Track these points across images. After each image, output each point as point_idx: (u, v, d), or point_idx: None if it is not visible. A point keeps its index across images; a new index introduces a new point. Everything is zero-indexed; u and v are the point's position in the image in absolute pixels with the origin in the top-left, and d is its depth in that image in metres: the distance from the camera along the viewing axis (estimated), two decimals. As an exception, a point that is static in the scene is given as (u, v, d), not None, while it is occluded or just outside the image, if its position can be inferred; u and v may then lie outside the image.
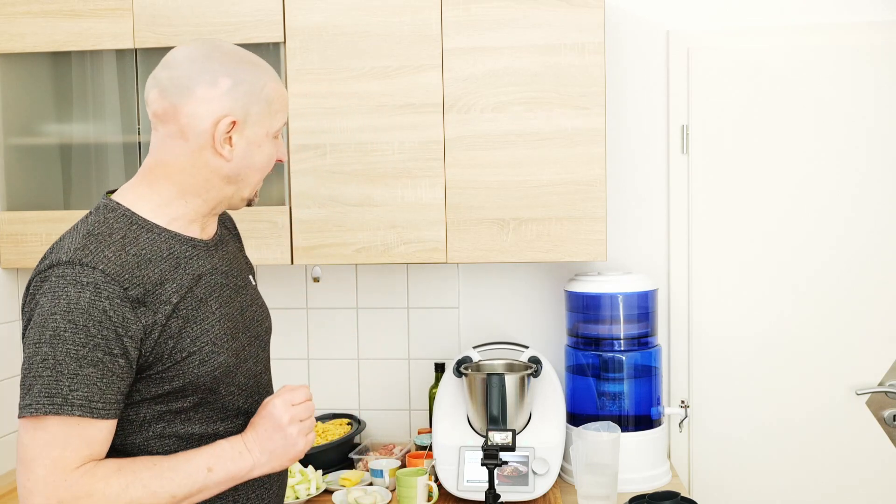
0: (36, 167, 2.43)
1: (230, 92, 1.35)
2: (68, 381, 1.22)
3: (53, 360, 1.22)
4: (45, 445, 1.22)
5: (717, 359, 2.57)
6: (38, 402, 1.21)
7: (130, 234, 1.34)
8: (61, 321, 1.23)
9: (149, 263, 1.32)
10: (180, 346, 1.32)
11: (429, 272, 2.68)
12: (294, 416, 1.37)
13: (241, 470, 1.34)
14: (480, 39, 2.22)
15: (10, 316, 2.47)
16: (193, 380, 1.34)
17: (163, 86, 1.36)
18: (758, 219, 2.54)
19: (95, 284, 1.25)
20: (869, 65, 2.48)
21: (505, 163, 2.23)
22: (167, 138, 1.38)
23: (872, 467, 2.52)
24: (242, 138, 1.37)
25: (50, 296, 1.26)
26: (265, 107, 1.39)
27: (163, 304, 1.31)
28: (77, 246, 1.30)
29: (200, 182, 1.38)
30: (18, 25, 2.34)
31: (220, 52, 1.37)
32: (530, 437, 2.20)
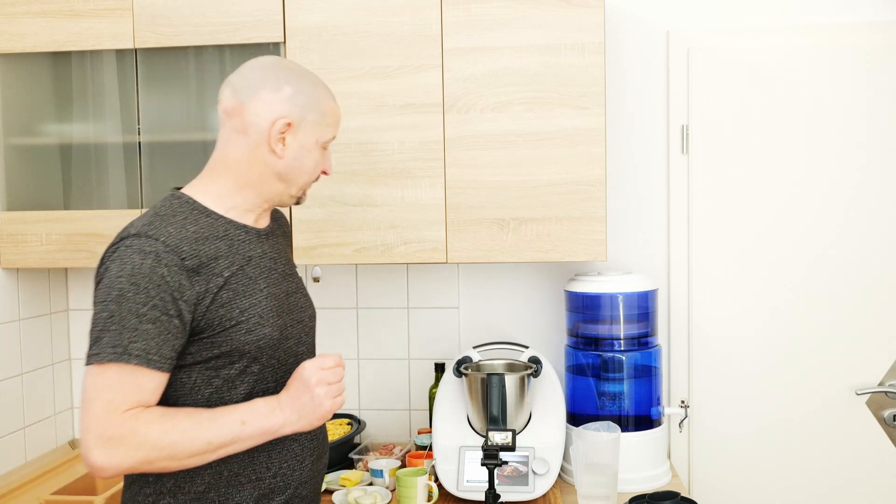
0: (36, 167, 2.43)
1: (291, 98, 1.54)
2: (129, 334, 1.39)
3: (119, 316, 1.40)
4: (102, 389, 1.38)
5: (717, 359, 2.57)
6: (104, 351, 1.38)
7: (192, 216, 1.52)
8: (126, 283, 1.41)
9: (205, 241, 1.50)
10: (230, 315, 1.49)
11: (429, 272, 2.68)
12: (322, 379, 1.50)
13: (272, 426, 1.48)
14: (480, 39, 2.22)
15: (10, 316, 2.47)
16: (240, 346, 1.50)
17: (234, 86, 1.56)
18: (758, 219, 2.54)
19: (157, 253, 1.43)
20: (868, 65, 2.48)
21: (505, 163, 2.23)
22: (232, 132, 1.56)
23: (872, 467, 2.53)
24: (295, 140, 1.56)
25: (118, 262, 1.43)
26: (319, 117, 1.58)
27: (215, 276, 1.49)
28: (145, 223, 1.48)
29: (255, 176, 1.56)
30: (18, 25, 2.34)
31: (287, 64, 1.60)
32: (530, 437, 2.20)
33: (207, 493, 1.52)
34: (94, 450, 1.37)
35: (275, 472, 1.56)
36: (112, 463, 1.37)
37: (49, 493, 2.27)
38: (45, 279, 2.65)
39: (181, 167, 2.36)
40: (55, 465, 2.51)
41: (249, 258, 1.56)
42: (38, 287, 2.61)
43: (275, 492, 1.56)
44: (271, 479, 1.56)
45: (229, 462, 1.52)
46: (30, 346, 2.55)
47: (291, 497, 1.59)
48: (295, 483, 1.59)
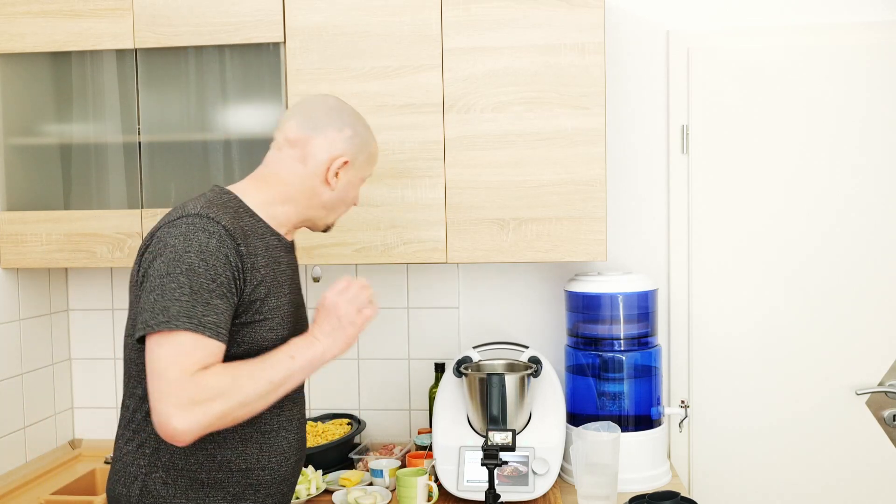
0: (36, 167, 2.43)
1: (350, 139, 1.70)
2: (202, 307, 1.46)
3: (189, 289, 1.46)
4: (177, 354, 1.43)
5: (717, 359, 2.57)
6: (178, 320, 1.44)
7: (238, 212, 1.61)
8: (195, 259, 1.48)
9: (250, 236, 1.59)
10: (260, 309, 1.58)
11: (429, 272, 2.68)
12: (341, 302, 1.61)
13: (315, 354, 1.58)
14: (480, 39, 2.22)
15: (10, 316, 2.47)
16: (259, 341, 1.58)
17: (300, 121, 1.69)
18: (758, 219, 2.54)
19: (220, 234, 1.51)
20: (868, 65, 2.48)
21: (505, 163, 2.23)
22: (289, 159, 1.69)
23: (872, 467, 2.52)
24: (346, 176, 1.72)
25: (182, 238, 1.50)
26: (367, 158, 1.76)
27: (256, 270, 1.57)
28: (202, 205, 1.56)
29: (303, 199, 1.70)
30: (18, 25, 2.34)
31: (348, 108, 1.75)
32: (530, 437, 2.20)
33: (199, 473, 1.58)
34: (175, 415, 1.40)
35: (263, 465, 1.63)
36: (194, 423, 1.42)
37: (49, 493, 2.28)
38: (45, 279, 2.65)
39: (181, 167, 2.36)
40: (55, 465, 2.51)
41: (279, 263, 1.67)
42: (38, 287, 2.61)
43: (261, 484, 1.64)
44: (260, 471, 1.63)
45: (223, 447, 1.59)
46: (30, 346, 2.55)
47: (275, 493, 1.67)
48: (279, 479, 1.67)
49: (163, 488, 1.57)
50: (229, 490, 1.60)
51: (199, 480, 1.59)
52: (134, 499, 1.58)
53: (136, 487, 1.58)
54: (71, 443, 2.73)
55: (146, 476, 1.58)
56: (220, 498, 1.60)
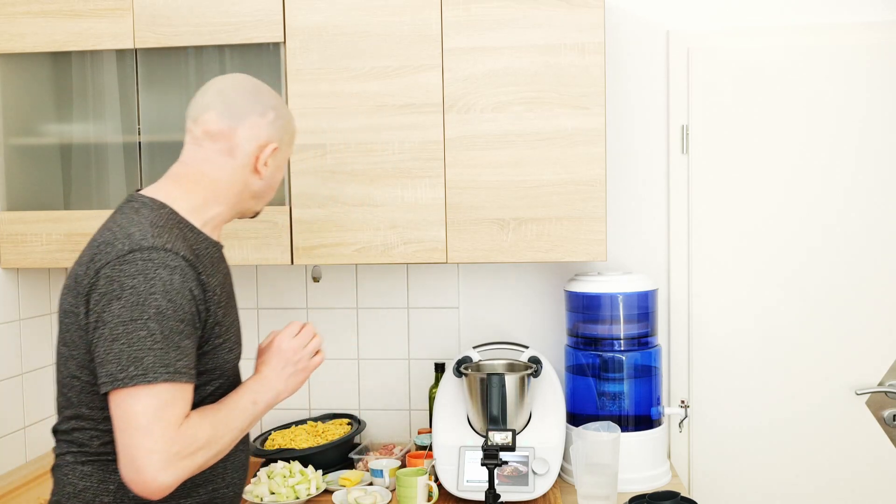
0: (36, 167, 2.43)
1: (274, 122, 1.61)
2: (175, 352, 1.39)
3: (161, 334, 1.37)
4: (158, 408, 1.36)
5: (717, 358, 2.57)
6: (156, 371, 1.36)
7: (182, 231, 1.51)
8: (161, 300, 1.38)
9: (200, 257, 1.50)
10: (219, 332, 1.52)
11: (429, 272, 2.68)
12: (296, 347, 1.61)
13: (271, 398, 1.57)
14: (480, 39, 2.22)
15: (10, 316, 2.47)
16: (221, 364, 1.54)
17: (220, 110, 1.57)
18: (758, 219, 2.54)
19: (181, 268, 1.42)
20: (868, 64, 2.48)
21: (505, 163, 2.23)
22: (214, 154, 1.57)
23: (872, 467, 2.52)
24: (274, 162, 1.63)
25: (142, 277, 1.39)
26: (290, 138, 1.67)
27: (213, 293, 1.50)
28: (152, 234, 1.44)
29: (234, 194, 1.60)
30: (18, 25, 2.34)
31: (265, 87, 1.64)
32: (530, 437, 2.20)
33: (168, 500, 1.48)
34: (161, 473, 1.35)
35: (228, 483, 1.61)
36: (178, 477, 1.37)
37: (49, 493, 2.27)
38: (45, 279, 2.65)
39: (181, 167, 2.36)
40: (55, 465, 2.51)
41: (225, 275, 1.60)
42: (38, 287, 2.61)
43: (225, 499, 1.61)
44: (225, 489, 1.60)
45: None
46: (30, 346, 2.55)
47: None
48: (238, 493, 1.65)
49: None
50: None
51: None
52: None
53: None
54: (71, 443, 2.73)
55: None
56: None
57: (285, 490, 2.16)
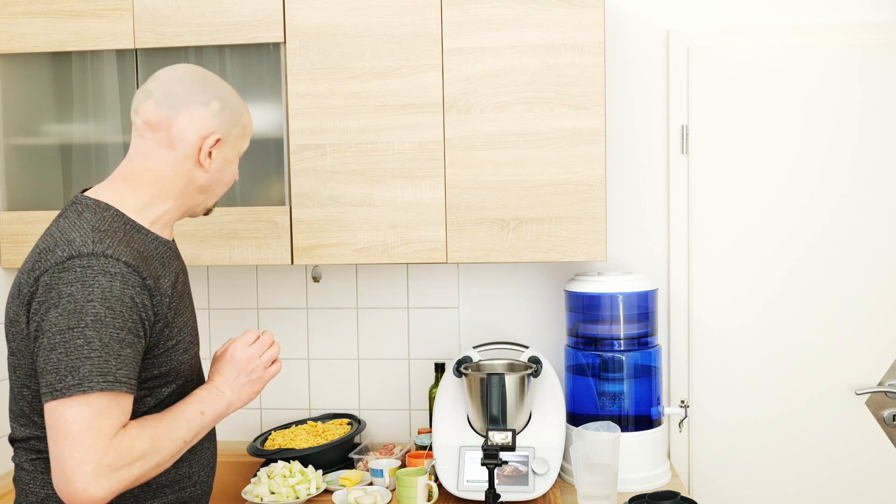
0: (36, 167, 2.43)
1: (219, 113, 1.54)
2: (115, 361, 1.35)
3: (100, 342, 1.34)
4: (93, 417, 1.32)
5: (718, 359, 2.58)
6: (92, 380, 1.32)
7: (127, 232, 1.46)
8: (100, 307, 1.35)
9: (148, 259, 1.47)
10: (170, 334, 1.48)
11: (429, 272, 2.68)
12: (252, 356, 1.58)
13: (222, 408, 1.54)
14: (480, 39, 2.22)
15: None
16: (176, 366, 1.51)
17: (159, 99, 1.51)
18: (758, 219, 2.54)
19: (122, 274, 1.38)
20: (869, 64, 2.48)
21: (505, 163, 2.23)
22: (155, 145, 1.52)
23: (872, 467, 2.53)
24: (220, 154, 1.56)
25: (80, 285, 1.35)
26: (241, 131, 1.60)
27: (163, 296, 1.46)
28: (93, 240, 1.40)
29: (179, 188, 1.54)
30: (18, 25, 2.34)
31: (211, 77, 1.57)
32: (530, 437, 2.20)
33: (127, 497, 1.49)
34: (91, 484, 1.31)
35: (195, 481, 1.60)
36: (110, 490, 1.33)
37: None
38: (45, 279, 2.65)
39: (181, 167, 2.36)
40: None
41: (177, 275, 1.56)
42: (38, 287, 2.60)
43: (192, 499, 1.60)
44: (191, 487, 1.60)
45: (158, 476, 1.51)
46: (30, 346, 2.55)
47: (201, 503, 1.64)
48: (206, 491, 1.65)
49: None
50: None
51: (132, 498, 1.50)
52: None
53: None
54: (71, 443, 2.72)
55: None
56: None
57: (285, 490, 2.16)
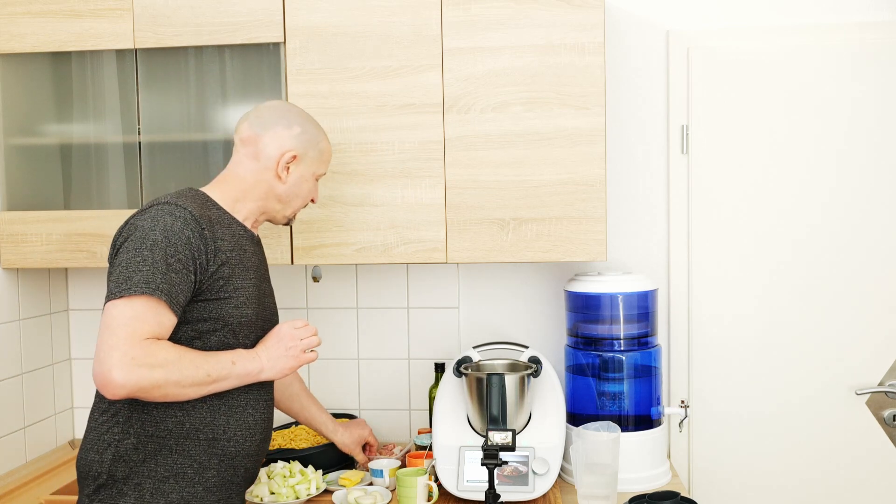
0: (36, 167, 2.43)
1: (298, 136, 1.88)
2: (161, 276, 1.62)
3: (151, 260, 1.63)
4: (130, 318, 1.59)
5: (717, 359, 2.58)
6: (138, 286, 1.60)
7: (206, 205, 1.79)
8: (160, 236, 1.65)
9: (216, 223, 1.77)
10: (225, 288, 1.74)
11: (429, 272, 2.68)
12: (294, 335, 1.82)
13: (253, 369, 1.76)
14: (480, 39, 2.22)
15: (10, 316, 2.47)
16: (225, 317, 1.75)
17: (251, 121, 1.88)
18: (758, 218, 2.54)
19: (185, 218, 1.69)
20: (869, 64, 2.48)
21: (505, 163, 2.23)
22: (244, 157, 1.87)
23: (872, 467, 2.53)
24: (297, 170, 1.89)
25: (150, 220, 1.67)
26: (317, 154, 1.93)
27: (220, 253, 1.74)
28: (171, 196, 1.75)
29: (259, 194, 1.87)
30: (18, 25, 2.34)
31: (297, 109, 1.93)
32: (530, 437, 2.20)
33: (167, 440, 1.72)
34: (115, 368, 1.54)
35: (230, 437, 1.78)
36: (130, 380, 1.55)
37: (49, 493, 2.28)
38: (45, 279, 2.65)
39: (181, 167, 2.36)
40: (55, 465, 2.51)
41: (245, 251, 1.84)
42: (38, 287, 2.61)
43: (226, 454, 1.78)
44: (226, 441, 1.77)
45: (192, 415, 1.73)
46: (30, 346, 2.55)
47: (238, 465, 1.81)
48: (244, 452, 1.81)
49: (133, 454, 1.70)
50: (196, 458, 1.74)
51: (168, 447, 1.72)
52: (106, 464, 1.71)
53: (108, 454, 1.71)
54: (71, 443, 2.73)
55: (119, 443, 1.71)
56: (187, 465, 1.73)
57: (285, 490, 2.16)
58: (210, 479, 1.76)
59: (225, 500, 1.81)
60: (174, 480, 1.72)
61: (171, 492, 1.72)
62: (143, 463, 1.71)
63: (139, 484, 1.70)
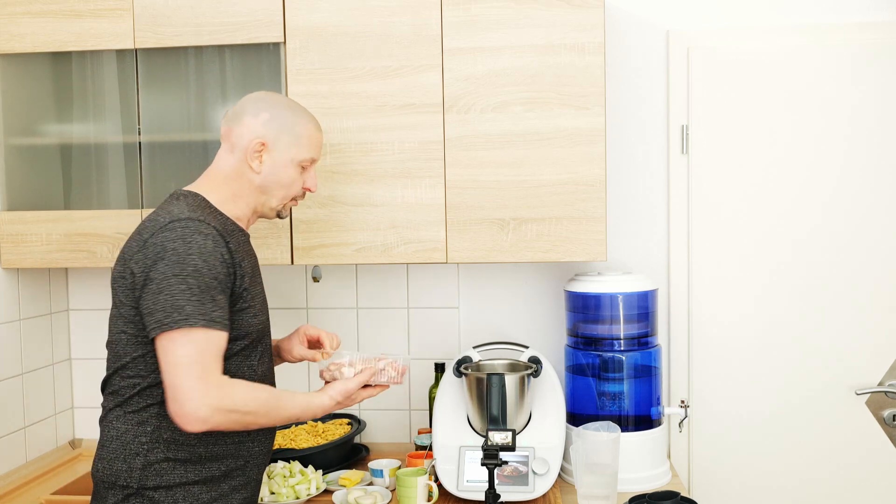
0: (36, 167, 2.43)
1: (266, 123, 1.82)
2: (211, 304, 1.63)
3: (198, 288, 1.62)
4: (198, 351, 1.59)
5: (717, 359, 2.58)
6: (195, 317, 1.60)
7: (215, 215, 1.77)
8: (198, 260, 1.63)
9: (229, 233, 1.75)
10: (246, 297, 1.75)
11: (429, 272, 2.68)
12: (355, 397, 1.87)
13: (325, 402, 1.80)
14: (480, 39, 2.22)
15: (10, 316, 2.47)
16: (246, 327, 1.75)
17: (228, 115, 1.86)
18: (758, 218, 2.54)
19: (213, 235, 1.68)
20: (869, 64, 2.48)
21: (505, 163, 2.23)
22: (223, 152, 1.85)
23: (872, 467, 2.53)
24: (270, 158, 1.82)
25: (182, 242, 1.64)
26: (293, 139, 1.84)
27: (239, 265, 1.74)
28: (189, 209, 1.72)
29: (239, 187, 1.83)
30: (18, 25, 2.34)
31: (271, 96, 1.88)
32: (530, 437, 2.20)
33: (197, 447, 1.72)
34: (198, 408, 1.57)
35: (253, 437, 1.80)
36: (211, 420, 1.58)
37: (49, 493, 2.28)
38: (45, 279, 2.65)
39: (181, 167, 2.36)
40: (55, 465, 2.51)
41: (249, 254, 1.84)
42: (38, 287, 2.61)
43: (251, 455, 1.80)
44: (250, 442, 1.79)
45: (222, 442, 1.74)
46: (30, 346, 2.55)
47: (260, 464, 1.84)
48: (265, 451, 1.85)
49: (164, 462, 1.70)
50: (224, 461, 1.75)
51: (198, 454, 1.72)
52: (136, 473, 1.69)
53: (138, 462, 1.69)
54: (71, 443, 2.73)
55: (148, 452, 1.69)
56: (216, 469, 1.74)
57: (285, 490, 2.16)
58: (236, 478, 1.77)
59: (250, 499, 1.83)
60: (203, 484, 1.72)
61: (200, 493, 1.72)
62: (173, 470, 1.70)
63: (169, 489, 1.70)
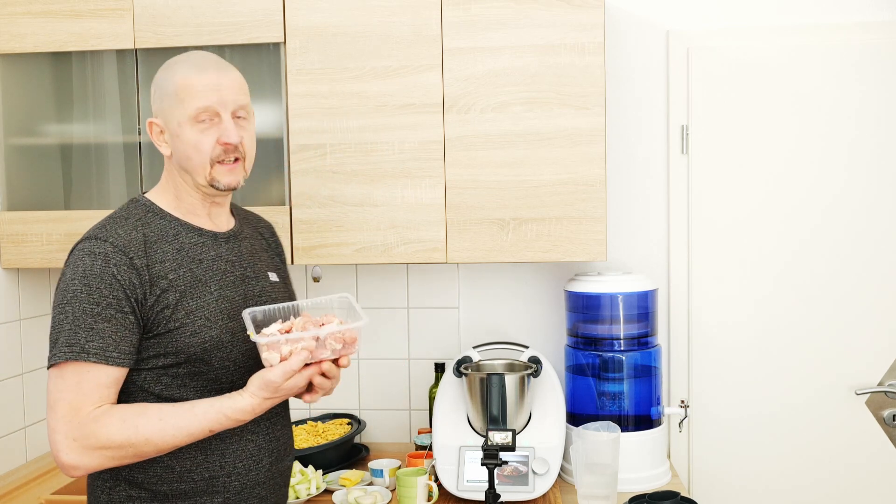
0: (36, 167, 2.43)
1: (153, 98, 1.65)
2: (84, 333, 1.45)
3: (73, 316, 1.46)
4: (64, 390, 1.45)
5: (717, 359, 2.57)
6: (61, 351, 1.45)
7: (145, 219, 1.59)
8: (79, 285, 1.48)
9: (155, 243, 1.57)
10: (175, 317, 1.53)
11: (429, 272, 2.68)
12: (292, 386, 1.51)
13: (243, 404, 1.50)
14: (480, 39, 2.22)
15: (10, 316, 2.47)
16: (184, 348, 1.53)
17: None
18: (758, 218, 2.54)
19: (105, 254, 1.50)
20: (869, 64, 2.48)
21: (505, 163, 2.23)
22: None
23: (872, 467, 2.52)
24: (167, 131, 1.62)
25: (71, 266, 1.51)
26: (172, 99, 1.59)
27: (161, 278, 1.53)
28: (97, 226, 1.57)
29: (173, 179, 1.65)
30: (19, 26, 2.34)
31: (162, 69, 1.65)
32: (530, 437, 2.20)
33: (160, 485, 1.55)
34: (63, 451, 1.44)
35: (229, 472, 1.58)
36: (82, 463, 1.45)
37: (49, 493, 2.27)
38: (46, 279, 2.65)
39: (181, 167, 2.36)
40: (55, 465, 2.51)
41: (200, 261, 1.60)
42: (38, 287, 2.61)
43: (229, 490, 1.59)
44: (225, 478, 1.58)
45: (181, 459, 1.56)
46: (30, 346, 2.55)
47: (249, 496, 1.62)
48: (251, 483, 1.61)
49: (127, 501, 1.57)
50: (195, 499, 1.57)
51: (162, 493, 1.56)
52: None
53: (103, 499, 1.59)
54: (71, 443, 2.73)
55: (111, 490, 1.58)
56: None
57: (285, 490, 2.16)
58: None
59: None
60: None
61: None
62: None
63: None
